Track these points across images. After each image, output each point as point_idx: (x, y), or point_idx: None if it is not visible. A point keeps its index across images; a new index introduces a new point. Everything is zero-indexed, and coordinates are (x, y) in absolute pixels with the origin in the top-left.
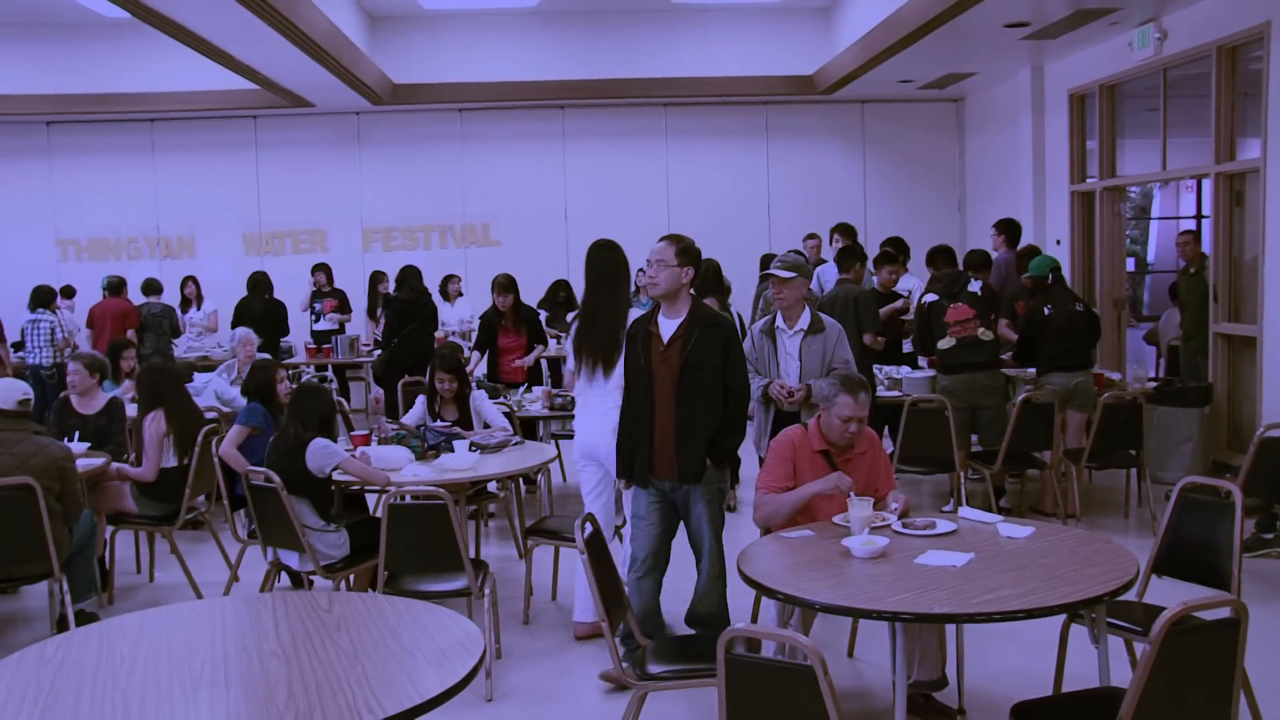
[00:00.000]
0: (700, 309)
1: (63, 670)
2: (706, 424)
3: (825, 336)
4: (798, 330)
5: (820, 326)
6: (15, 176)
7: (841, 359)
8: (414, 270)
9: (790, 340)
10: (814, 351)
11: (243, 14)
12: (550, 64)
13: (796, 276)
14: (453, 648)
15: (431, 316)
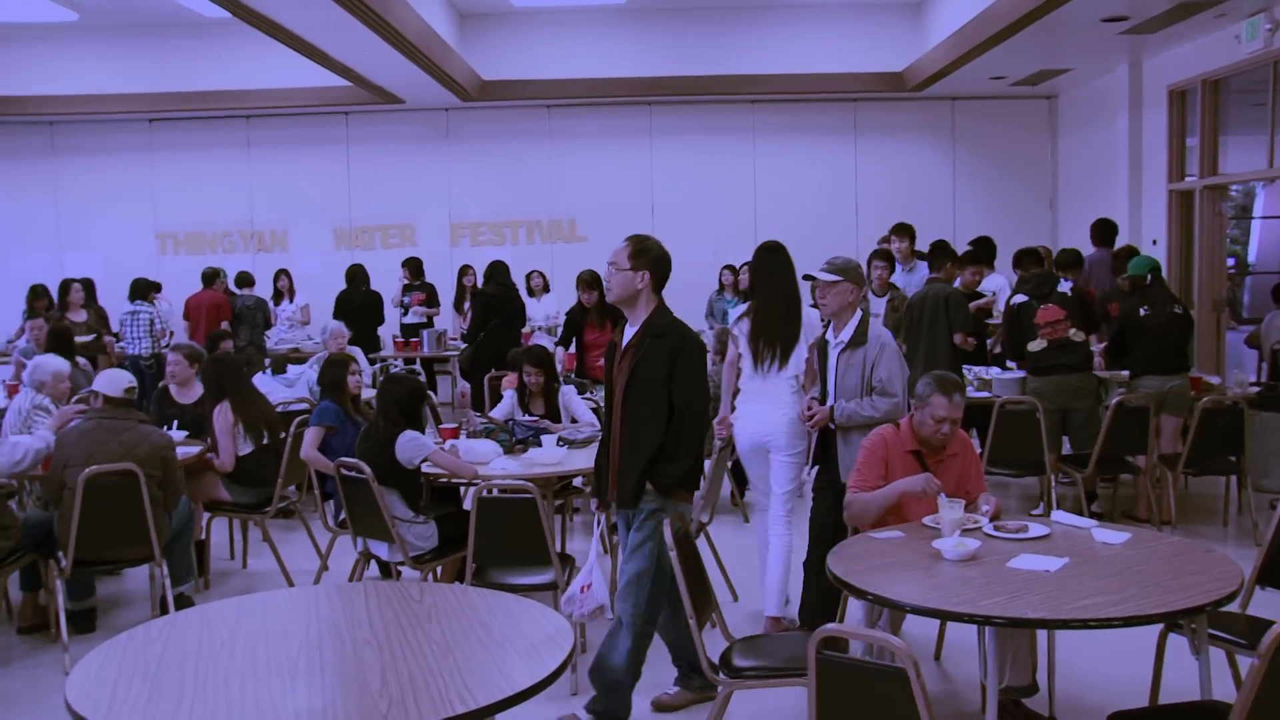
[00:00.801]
0: (657, 316)
1: (167, 650)
2: (647, 443)
3: (865, 351)
4: (839, 342)
5: (861, 339)
6: (119, 172)
7: (879, 378)
8: (501, 265)
9: (832, 353)
10: (852, 368)
11: (338, 12)
12: (638, 61)
13: (841, 280)
14: (542, 641)
15: (518, 312)
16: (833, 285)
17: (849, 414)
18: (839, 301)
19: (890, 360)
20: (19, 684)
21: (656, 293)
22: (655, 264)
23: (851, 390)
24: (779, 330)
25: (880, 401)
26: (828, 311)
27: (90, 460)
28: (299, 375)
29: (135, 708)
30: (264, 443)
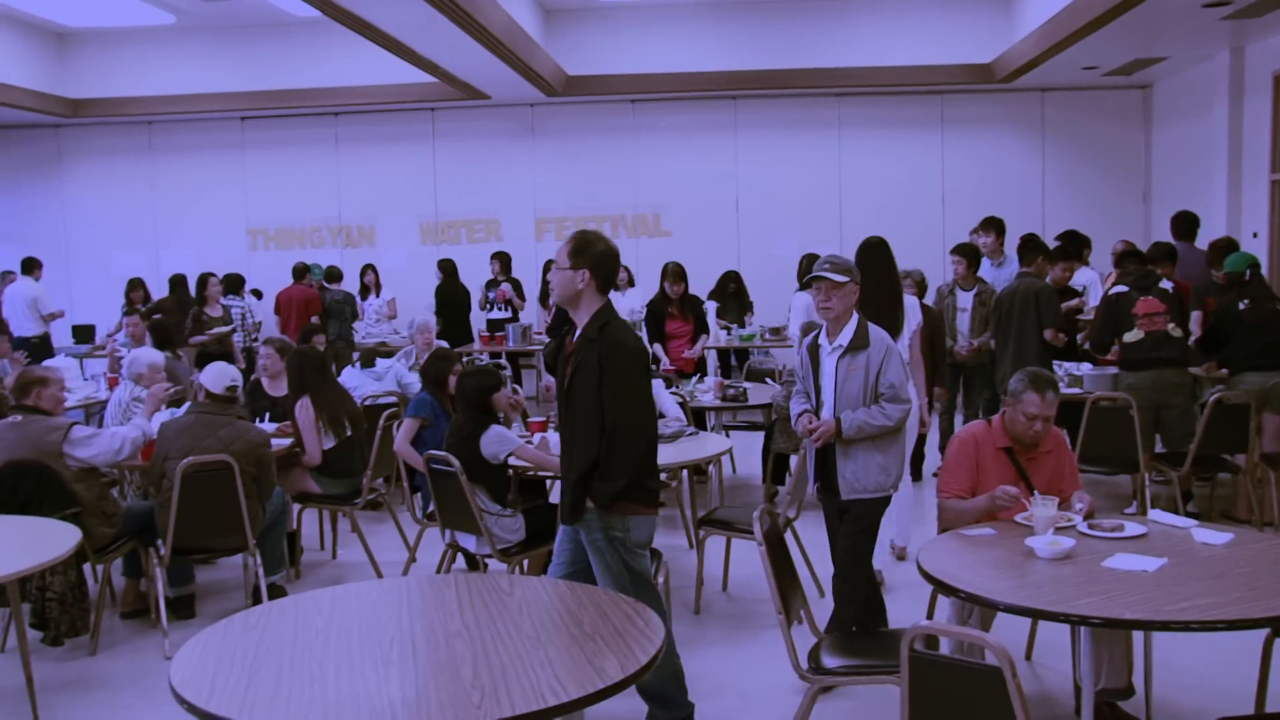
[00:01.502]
0: (594, 319)
1: (264, 639)
2: (581, 457)
3: (868, 355)
4: (837, 347)
5: (863, 342)
6: (212, 169)
7: (887, 383)
8: None
9: (829, 359)
10: (854, 373)
11: (425, 9)
12: (723, 54)
13: (849, 281)
14: (633, 634)
15: None
16: (840, 286)
17: (858, 425)
18: (845, 304)
19: (897, 364)
20: (122, 666)
21: (601, 293)
22: (596, 262)
23: (853, 398)
24: (884, 317)
25: (892, 409)
26: (833, 314)
27: (188, 453)
28: (387, 369)
29: (235, 693)
30: (347, 435)
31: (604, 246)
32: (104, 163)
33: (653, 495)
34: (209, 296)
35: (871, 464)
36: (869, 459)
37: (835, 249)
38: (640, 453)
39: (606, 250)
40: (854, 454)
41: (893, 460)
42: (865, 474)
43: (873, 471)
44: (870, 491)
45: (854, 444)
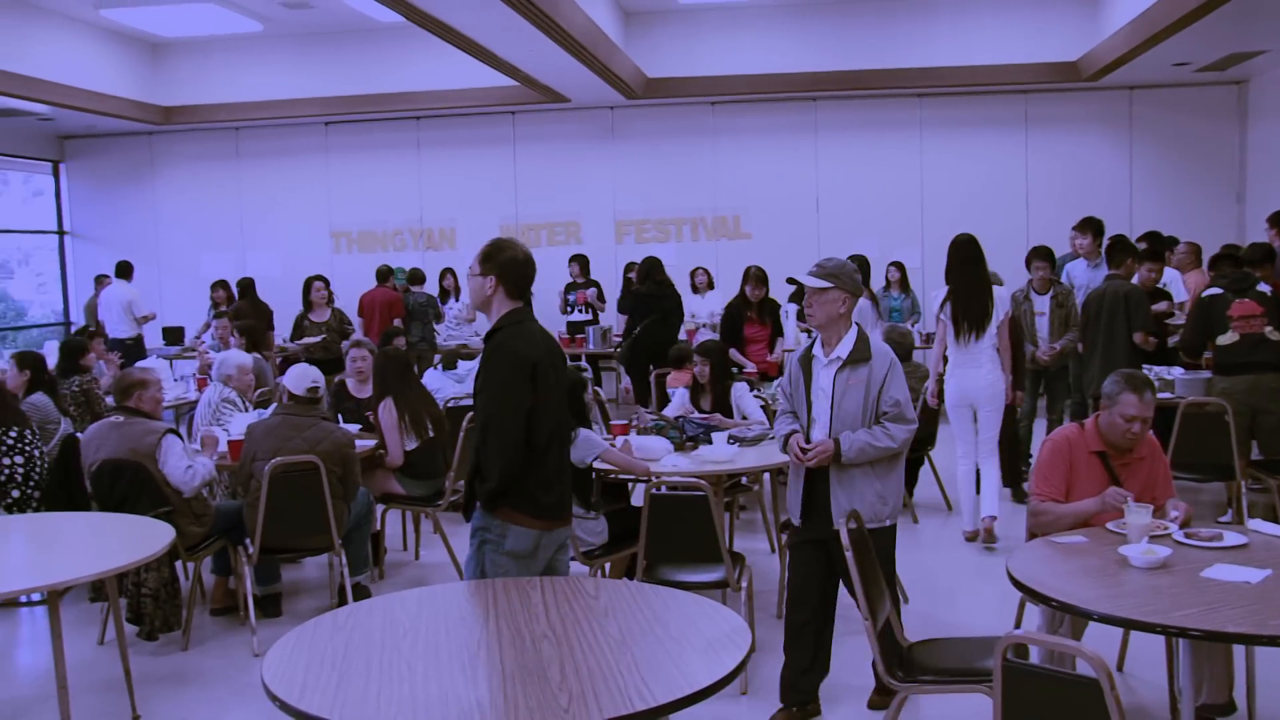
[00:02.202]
0: (501, 322)
1: (353, 638)
2: (472, 456)
3: (870, 370)
4: (834, 359)
5: (864, 355)
6: (297, 173)
7: (891, 400)
8: (654, 262)
9: (824, 372)
10: (853, 389)
11: (507, 13)
12: (803, 56)
13: (831, 288)
14: (719, 639)
15: (674, 309)
16: (820, 293)
17: (860, 447)
18: (826, 313)
19: (902, 380)
20: (213, 662)
21: (511, 298)
22: (503, 268)
23: (852, 416)
24: (974, 308)
25: (897, 429)
26: (814, 323)
27: (275, 454)
28: (469, 371)
29: (325, 692)
30: (429, 437)
31: (511, 253)
32: (193, 168)
33: (541, 508)
34: (314, 302)
35: (868, 491)
36: (866, 485)
37: (916, 251)
38: (510, 457)
39: (513, 256)
40: (850, 479)
41: (891, 488)
42: (861, 502)
43: (869, 499)
44: (867, 522)
45: (850, 469)
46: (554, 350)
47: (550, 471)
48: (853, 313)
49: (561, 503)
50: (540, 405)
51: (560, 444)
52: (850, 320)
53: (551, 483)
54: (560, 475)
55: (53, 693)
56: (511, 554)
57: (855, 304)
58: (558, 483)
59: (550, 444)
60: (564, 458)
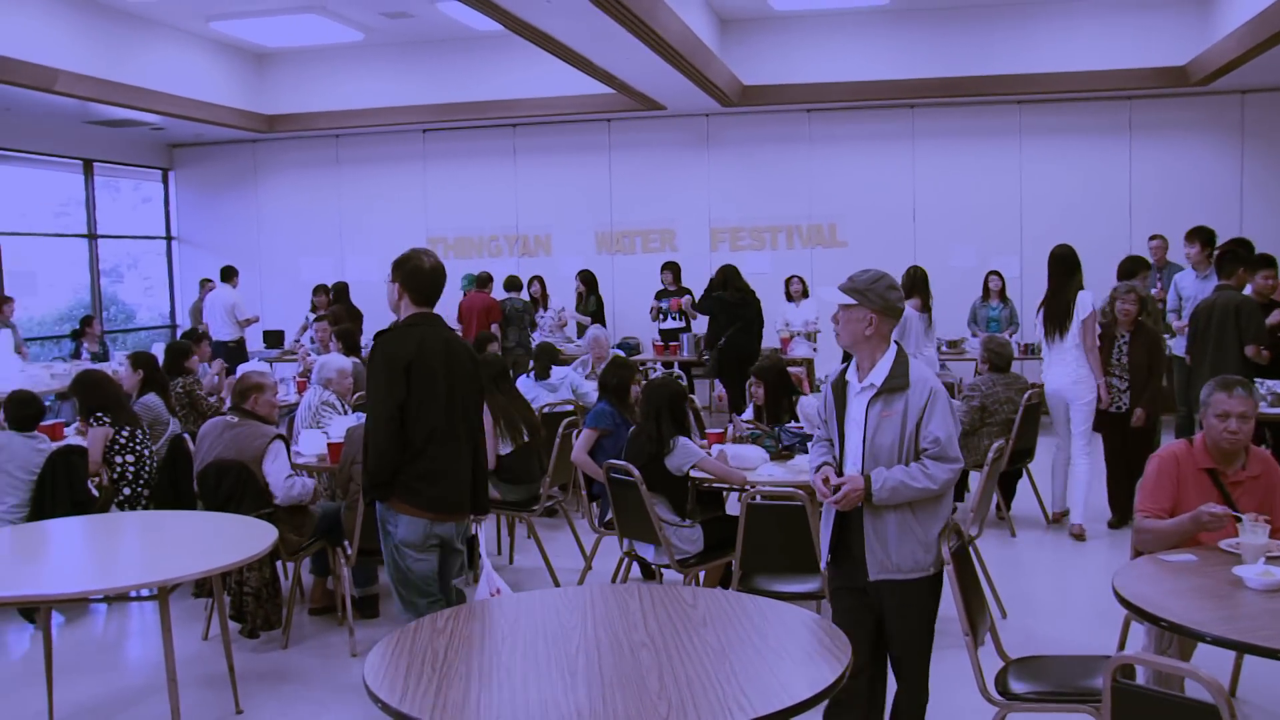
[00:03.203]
0: (393, 325)
1: (453, 642)
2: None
3: (906, 400)
4: (867, 386)
5: (901, 383)
6: (395, 180)
7: (931, 437)
8: (733, 269)
9: (857, 400)
10: (888, 421)
11: (605, 21)
12: (901, 63)
13: (856, 305)
14: (818, 651)
15: (755, 317)
16: (845, 310)
17: (893, 488)
18: (850, 333)
19: (945, 412)
20: (311, 661)
21: (416, 304)
22: (408, 277)
23: (886, 451)
24: (1057, 310)
25: (936, 468)
26: (840, 342)
27: None
28: (562, 379)
29: (426, 695)
30: (524, 442)
31: (416, 263)
32: (295, 175)
33: (427, 500)
34: None
35: (908, 536)
36: (905, 529)
37: (1015, 260)
38: (382, 449)
39: (418, 266)
40: (886, 522)
41: (934, 532)
42: (899, 548)
43: (909, 545)
44: (907, 571)
45: (885, 510)
46: (438, 352)
47: (435, 466)
48: (890, 333)
49: (446, 498)
50: (416, 403)
51: (447, 441)
52: (886, 341)
53: (437, 477)
54: (449, 471)
55: (161, 684)
56: (404, 543)
57: (889, 325)
58: (444, 478)
59: (430, 440)
60: (454, 455)
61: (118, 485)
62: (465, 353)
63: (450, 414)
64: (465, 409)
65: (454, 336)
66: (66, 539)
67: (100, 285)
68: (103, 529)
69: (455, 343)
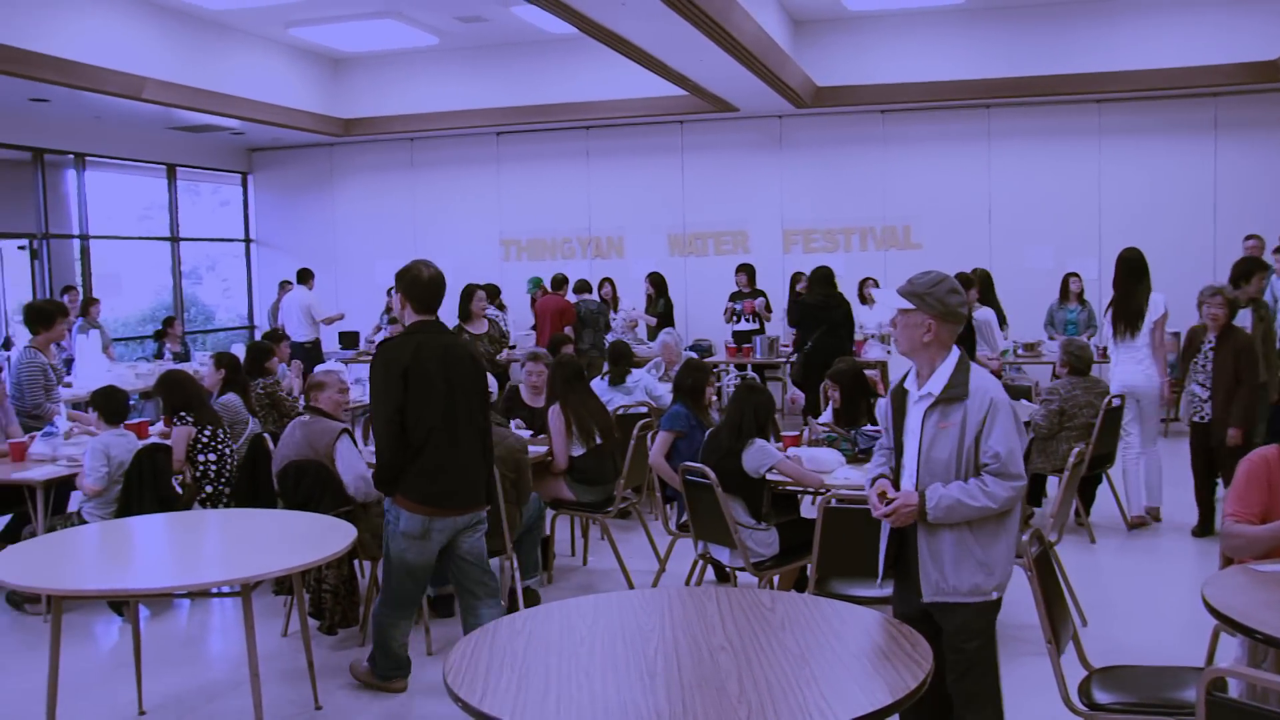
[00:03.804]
0: (395, 333)
1: (531, 643)
2: None
3: (965, 410)
4: (924, 395)
5: (960, 392)
6: (469, 182)
7: (991, 452)
8: (822, 272)
9: (914, 409)
10: (944, 434)
11: (679, 23)
12: (977, 62)
13: (914, 310)
14: (898, 656)
15: (842, 319)
16: (904, 315)
17: (948, 507)
18: (908, 339)
19: (1007, 425)
20: None
21: (418, 312)
22: (409, 287)
23: (941, 466)
24: (1130, 309)
25: (996, 486)
26: (898, 349)
27: None
28: (636, 381)
29: (506, 695)
30: (597, 444)
31: (415, 274)
32: (370, 178)
33: (427, 496)
34: (474, 312)
35: (966, 557)
36: (962, 549)
37: (1093, 261)
38: (385, 448)
39: (416, 276)
40: (942, 540)
41: (998, 554)
42: (956, 570)
43: (967, 567)
44: (964, 595)
45: (941, 529)
46: (436, 357)
47: (434, 463)
48: (951, 339)
49: (448, 492)
50: (415, 406)
51: (447, 440)
52: (947, 348)
53: (436, 474)
54: (449, 467)
55: (243, 679)
56: (405, 534)
57: (950, 331)
58: (444, 474)
59: (429, 440)
60: (454, 453)
61: (200, 483)
62: (465, 355)
63: (449, 414)
64: (468, 408)
65: (455, 340)
66: (153, 535)
67: (182, 287)
68: (187, 526)
69: (455, 347)
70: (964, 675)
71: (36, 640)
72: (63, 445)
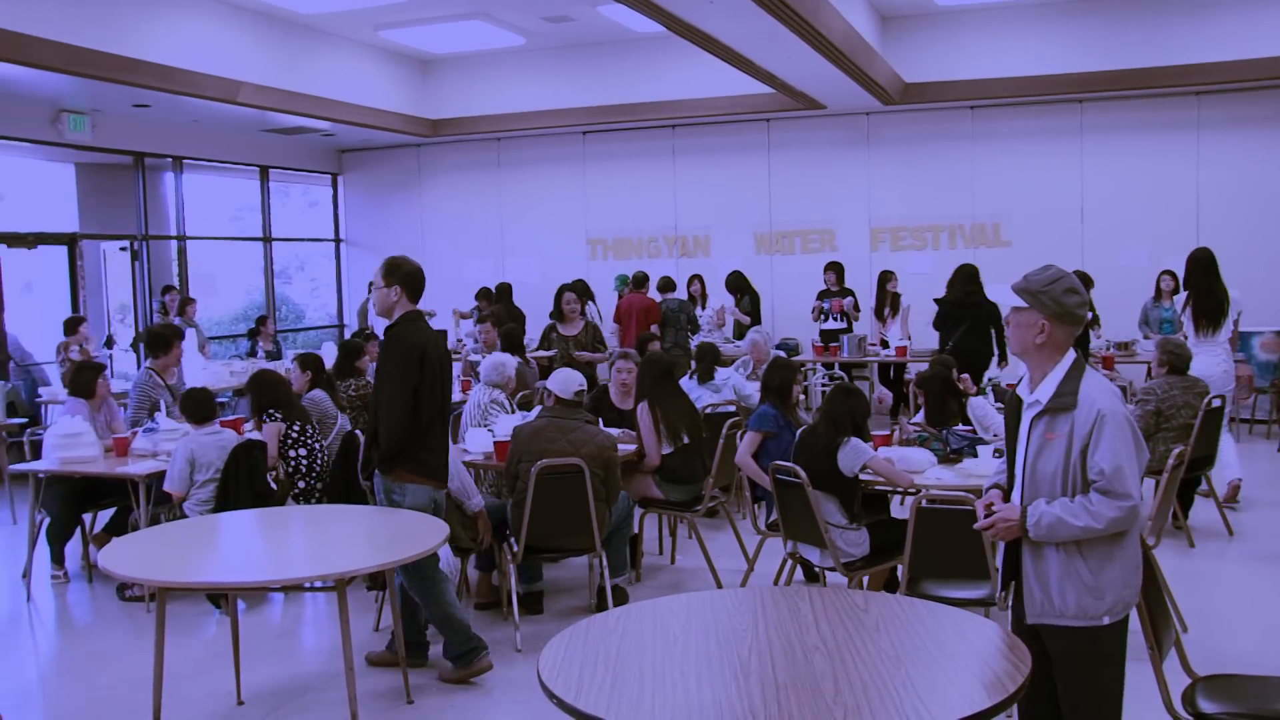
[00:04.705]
0: (400, 320)
1: (625, 641)
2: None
3: (1073, 421)
4: (1033, 402)
5: (1068, 403)
6: (555, 182)
7: (1097, 468)
8: (965, 270)
9: (1026, 415)
10: (1051, 445)
11: (768, 20)
12: (1069, 56)
13: (1026, 309)
14: (996, 659)
15: (985, 316)
16: (1017, 313)
17: (1050, 525)
18: (1019, 339)
19: (1117, 439)
20: None
21: (411, 302)
22: (405, 279)
23: (1047, 479)
24: (1211, 307)
25: (1102, 505)
26: (1011, 349)
27: (541, 456)
28: (725, 379)
29: (601, 692)
30: (684, 442)
31: (409, 267)
32: (457, 178)
33: (427, 468)
34: (566, 314)
35: (1072, 578)
36: (1068, 570)
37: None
38: (401, 425)
39: (410, 270)
40: (1047, 560)
41: (1111, 576)
42: (1061, 591)
43: (1074, 588)
44: (1070, 617)
45: (1045, 546)
46: (440, 344)
47: (438, 440)
48: (1067, 342)
49: (444, 466)
50: (425, 386)
51: (443, 420)
52: (1061, 352)
53: (439, 449)
54: (444, 445)
55: (336, 672)
56: (416, 506)
57: (1066, 333)
58: (442, 450)
59: (434, 419)
60: (446, 432)
61: (293, 478)
62: (444, 343)
63: (444, 396)
64: (448, 392)
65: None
66: (249, 530)
67: (274, 286)
68: (281, 522)
69: (440, 335)
70: (1075, 707)
71: (141, 630)
72: (163, 441)
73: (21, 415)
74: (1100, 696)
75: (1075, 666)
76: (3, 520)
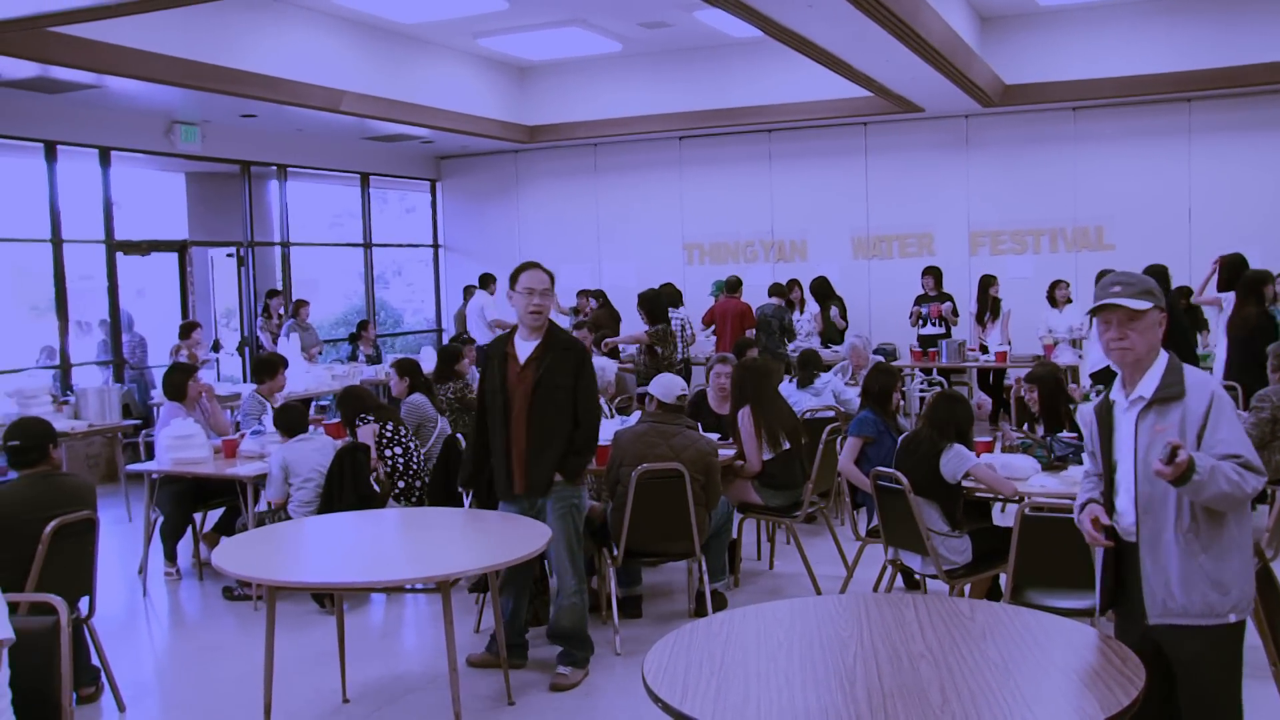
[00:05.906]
0: (557, 332)
1: (729, 645)
2: (557, 439)
3: (1184, 409)
4: (1135, 400)
5: (1176, 391)
6: (652, 187)
7: (1225, 445)
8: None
9: (1125, 418)
10: (1161, 436)
11: (866, 24)
12: (1176, 54)
13: (1151, 308)
14: (1108, 671)
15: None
16: (1139, 316)
17: (1209, 468)
18: (1148, 341)
19: (1234, 418)
20: None
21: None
22: None
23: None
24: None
25: (1251, 477)
26: (1134, 356)
27: (641, 460)
28: (825, 384)
29: (707, 697)
30: (784, 448)
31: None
32: (554, 183)
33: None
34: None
35: (1195, 573)
36: (1190, 564)
37: None
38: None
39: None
40: (1167, 555)
41: (1231, 570)
42: (1185, 588)
43: (1198, 584)
44: (1196, 616)
45: (1165, 541)
46: None
47: None
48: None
49: None
50: None
51: None
52: (1158, 350)
53: None
54: None
55: (439, 673)
56: (583, 512)
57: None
58: None
59: None
60: None
61: (392, 478)
62: None
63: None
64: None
65: None
66: (353, 532)
67: (374, 291)
68: (384, 524)
69: None
70: (1198, 708)
71: (248, 626)
72: (270, 443)
73: (136, 417)
74: (1227, 700)
75: (1203, 669)
76: (119, 518)
